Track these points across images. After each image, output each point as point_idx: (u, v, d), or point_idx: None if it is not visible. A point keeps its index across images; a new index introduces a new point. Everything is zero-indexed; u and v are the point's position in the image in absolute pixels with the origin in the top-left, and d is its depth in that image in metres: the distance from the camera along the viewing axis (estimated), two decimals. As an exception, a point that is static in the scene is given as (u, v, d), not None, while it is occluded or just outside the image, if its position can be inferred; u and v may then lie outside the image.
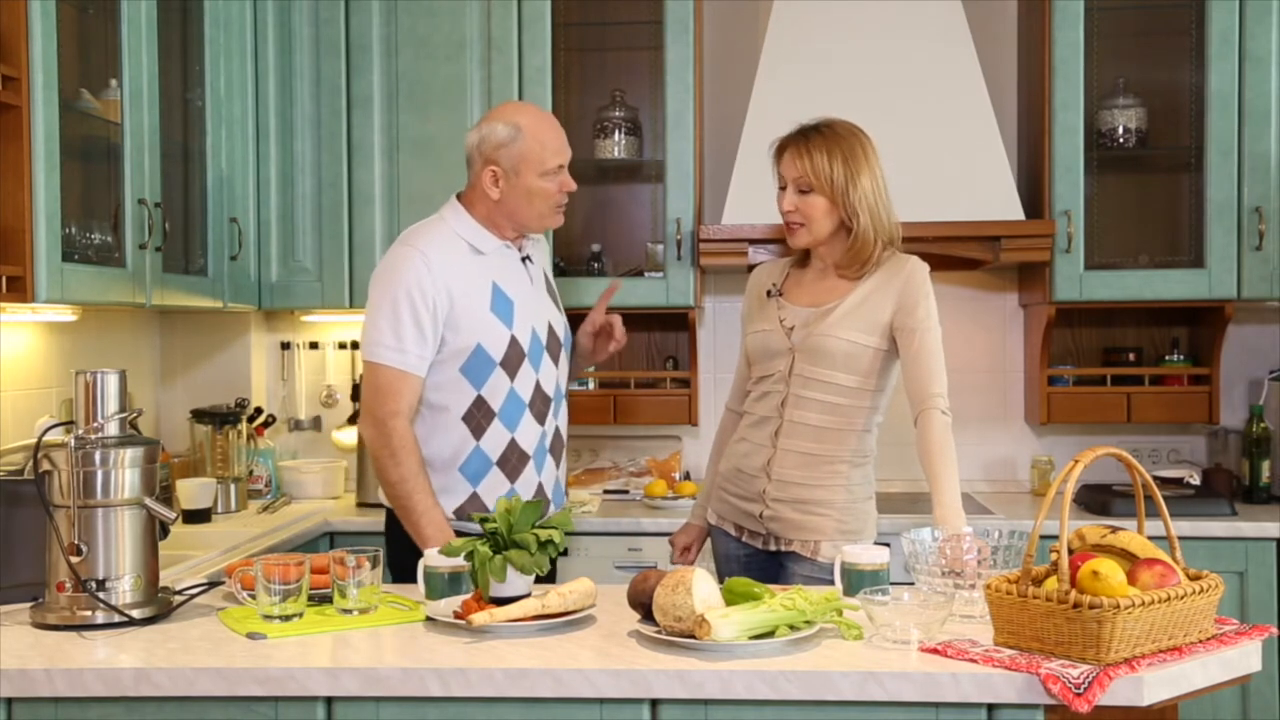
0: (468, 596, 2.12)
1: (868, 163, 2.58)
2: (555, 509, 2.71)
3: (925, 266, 2.59)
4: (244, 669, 1.86)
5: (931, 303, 2.55)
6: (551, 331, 2.71)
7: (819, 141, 2.58)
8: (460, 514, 2.61)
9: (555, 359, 2.71)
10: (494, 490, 2.61)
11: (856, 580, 2.17)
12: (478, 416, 2.60)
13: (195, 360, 3.82)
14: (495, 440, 2.61)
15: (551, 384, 2.69)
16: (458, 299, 2.55)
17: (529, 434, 2.64)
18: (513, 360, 2.59)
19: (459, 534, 2.51)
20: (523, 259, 2.70)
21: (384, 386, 2.53)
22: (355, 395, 3.86)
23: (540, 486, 2.67)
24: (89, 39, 2.84)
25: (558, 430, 2.73)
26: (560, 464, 2.76)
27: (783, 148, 2.64)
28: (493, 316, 2.58)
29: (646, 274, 3.73)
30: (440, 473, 2.61)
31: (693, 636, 1.89)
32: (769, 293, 2.71)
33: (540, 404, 2.66)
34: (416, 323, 2.52)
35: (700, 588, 1.92)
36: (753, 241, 3.51)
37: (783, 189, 2.64)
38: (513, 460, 2.62)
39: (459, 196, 2.68)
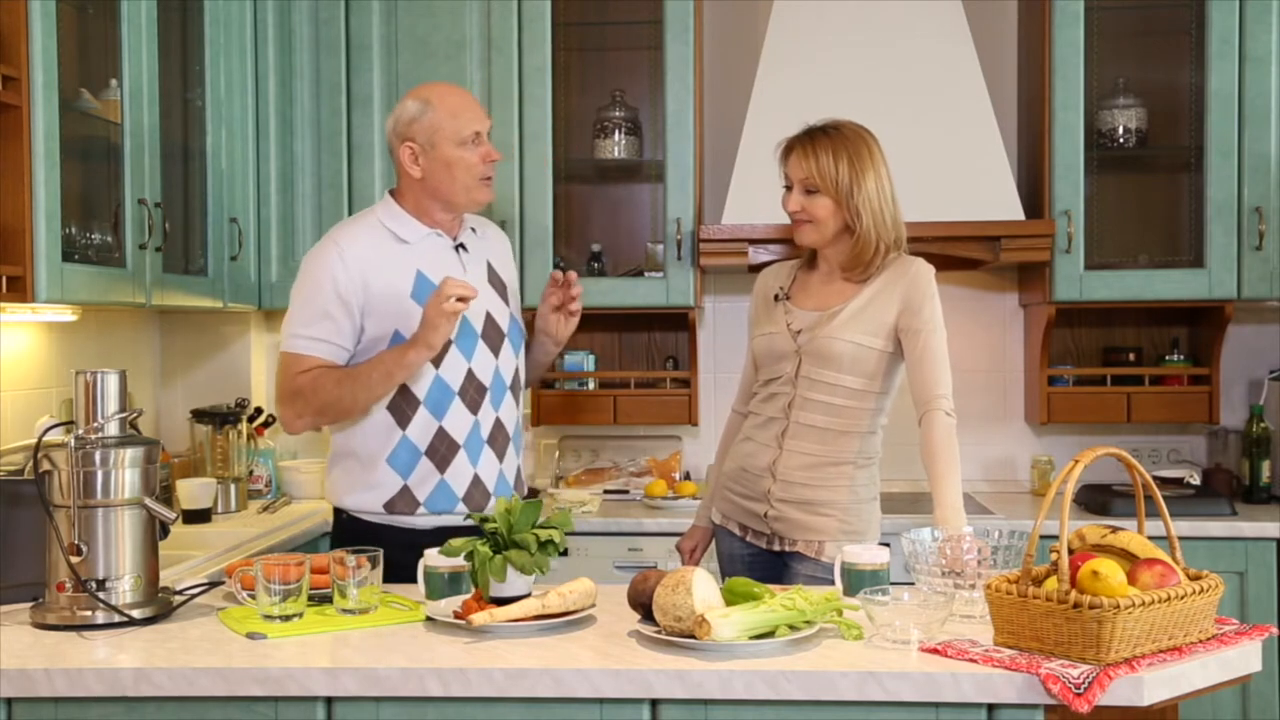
0: (468, 596, 2.12)
1: (873, 164, 2.58)
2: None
3: (930, 269, 2.59)
4: (244, 669, 1.86)
5: (936, 304, 2.56)
6: (490, 320, 2.66)
7: (825, 143, 2.58)
8: (391, 508, 2.59)
9: (494, 348, 2.66)
10: (425, 481, 2.58)
11: (856, 580, 2.17)
12: (402, 405, 2.57)
13: (195, 360, 3.82)
14: (422, 429, 2.58)
15: (489, 372, 2.64)
16: (375, 287, 2.56)
17: (459, 423, 2.60)
18: None
19: (391, 528, 2.55)
20: (456, 246, 2.68)
21: (287, 368, 2.57)
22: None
23: (476, 477, 2.62)
24: (89, 39, 2.84)
25: (498, 421, 2.67)
26: (506, 456, 2.69)
27: (789, 148, 2.64)
28: (413, 304, 2.56)
29: (646, 274, 3.73)
30: (369, 467, 2.59)
31: (693, 636, 1.89)
32: (776, 296, 2.71)
33: (474, 392, 2.62)
34: (326, 312, 2.54)
35: (700, 588, 1.92)
36: (753, 241, 3.51)
37: (789, 189, 2.64)
38: (441, 450, 2.59)
39: (392, 191, 2.70)
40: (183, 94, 3.24)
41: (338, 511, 2.68)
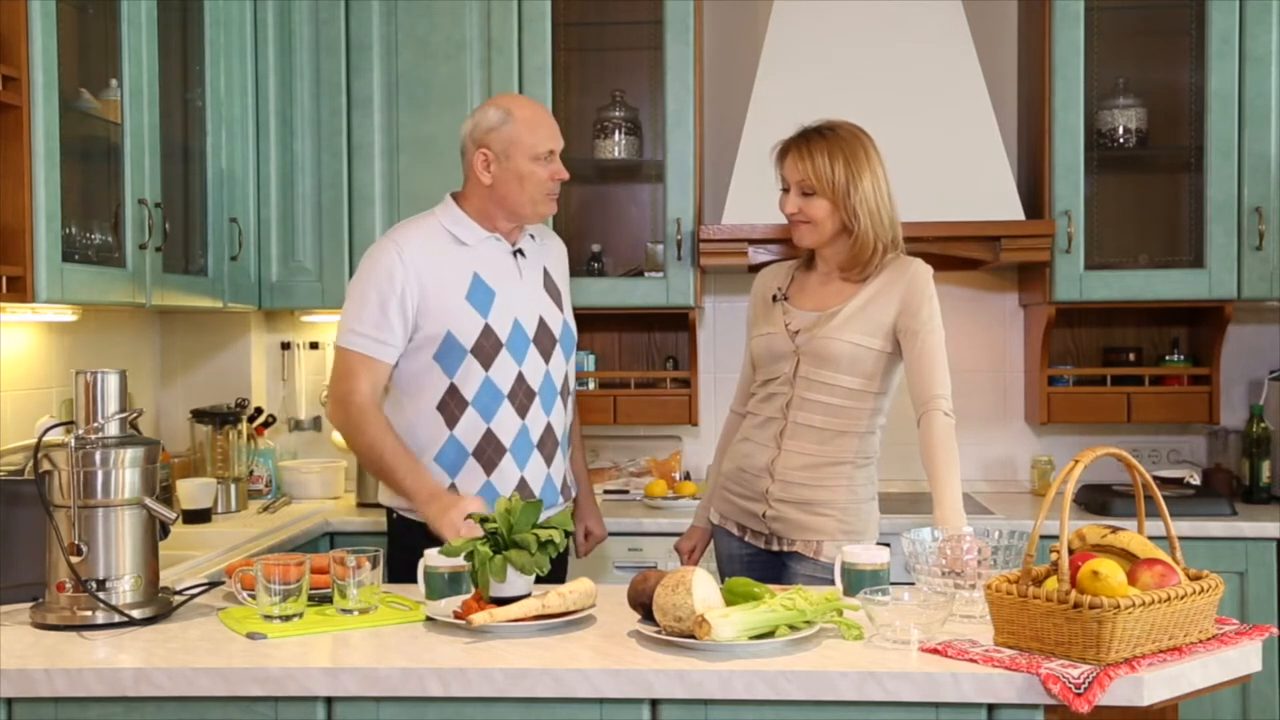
0: (468, 596, 2.12)
1: (869, 164, 2.58)
2: (548, 507, 2.70)
3: (929, 269, 2.59)
4: (244, 669, 1.86)
5: (935, 304, 2.56)
6: (543, 325, 2.70)
7: (820, 144, 2.58)
8: None
9: (546, 353, 2.70)
10: (471, 481, 2.62)
11: (856, 580, 2.17)
12: (451, 405, 2.61)
13: (195, 360, 3.82)
14: (470, 430, 2.62)
15: (539, 377, 2.68)
16: (430, 287, 2.59)
17: (507, 426, 2.64)
18: (486, 349, 2.60)
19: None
20: (514, 251, 2.71)
21: (344, 369, 2.60)
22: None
23: (523, 480, 2.66)
24: (89, 39, 2.84)
25: (549, 425, 2.71)
26: (554, 460, 2.73)
27: (785, 150, 2.64)
28: (467, 305, 2.59)
29: (646, 274, 3.73)
30: None
31: (693, 636, 1.89)
32: (774, 297, 2.71)
33: (523, 396, 2.65)
34: (383, 309, 2.57)
35: (700, 588, 1.92)
36: (753, 241, 3.51)
37: (785, 191, 2.64)
38: (489, 452, 2.63)
39: (454, 194, 2.73)
40: (183, 94, 3.24)
41: (389, 512, 2.73)
